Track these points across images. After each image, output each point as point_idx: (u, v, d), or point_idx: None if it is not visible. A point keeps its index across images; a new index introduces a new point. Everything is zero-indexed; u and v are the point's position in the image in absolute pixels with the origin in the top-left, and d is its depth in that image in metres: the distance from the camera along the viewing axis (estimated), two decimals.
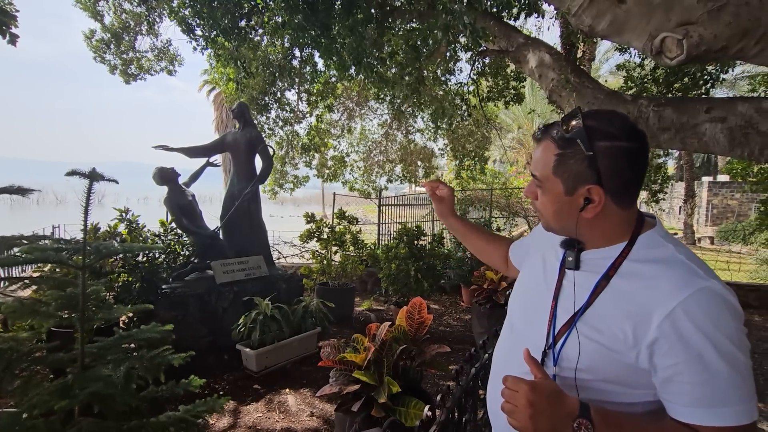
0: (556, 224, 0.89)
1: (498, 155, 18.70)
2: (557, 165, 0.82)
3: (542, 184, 0.86)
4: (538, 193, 0.88)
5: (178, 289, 3.83)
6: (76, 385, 1.23)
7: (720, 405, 0.68)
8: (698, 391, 0.69)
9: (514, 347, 1.00)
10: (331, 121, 9.93)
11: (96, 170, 1.31)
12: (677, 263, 0.76)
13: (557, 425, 0.71)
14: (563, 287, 0.91)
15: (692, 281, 0.72)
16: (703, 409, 0.69)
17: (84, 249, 1.32)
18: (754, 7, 1.74)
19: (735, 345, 0.69)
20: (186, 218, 4.13)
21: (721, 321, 0.69)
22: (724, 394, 0.68)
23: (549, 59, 3.81)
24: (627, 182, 0.79)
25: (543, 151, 0.85)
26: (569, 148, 0.80)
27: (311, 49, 6.11)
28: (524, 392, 0.73)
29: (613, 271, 0.81)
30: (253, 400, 3.26)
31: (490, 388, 1.10)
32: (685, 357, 0.70)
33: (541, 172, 0.85)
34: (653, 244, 0.81)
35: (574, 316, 0.85)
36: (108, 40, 6.20)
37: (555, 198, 0.84)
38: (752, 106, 2.64)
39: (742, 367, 0.69)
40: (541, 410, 0.71)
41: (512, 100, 6.75)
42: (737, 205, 15.35)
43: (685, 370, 0.70)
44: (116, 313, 1.50)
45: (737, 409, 0.68)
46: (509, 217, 8.17)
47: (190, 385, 1.52)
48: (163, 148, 4.33)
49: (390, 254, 4.79)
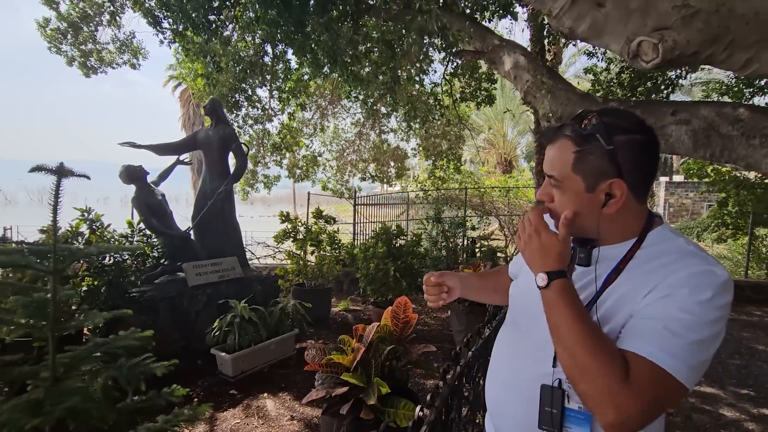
0: (574, 225, 0.87)
1: (469, 156, 19.03)
2: (576, 162, 0.82)
3: (561, 183, 0.86)
4: (555, 194, 0.88)
5: (148, 292, 3.64)
6: (49, 401, 1.13)
7: (665, 350, 0.70)
8: (651, 329, 0.72)
9: (519, 344, 1.00)
10: (303, 119, 9.78)
11: (64, 165, 1.21)
12: (689, 253, 0.79)
13: (535, 267, 0.84)
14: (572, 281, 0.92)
15: (698, 265, 0.75)
16: (647, 343, 0.71)
17: (54, 251, 1.21)
18: (724, 16, 1.83)
19: (709, 319, 0.71)
20: (155, 218, 3.94)
21: (711, 296, 0.71)
22: (673, 344, 0.70)
23: (524, 61, 3.89)
24: (645, 175, 0.82)
25: (559, 150, 0.85)
26: (588, 145, 0.80)
27: (284, 46, 5.99)
28: (538, 229, 0.84)
29: (623, 264, 0.83)
30: (229, 406, 3.15)
31: (491, 384, 1.09)
32: (660, 299, 0.73)
33: (560, 171, 0.85)
34: (665, 239, 0.83)
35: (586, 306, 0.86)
36: (65, 29, 5.84)
37: (575, 196, 0.84)
38: (713, 110, 2.79)
39: (702, 337, 0.70)
40: (534, 249, 0.84)
41: (484, 101, 6.87)
42: (691, 204, 16.31)
43: (654, 309, 0.73)
44: (86, 320, 1.39)
45: (676, 363, 0.69)
46: (482, 216, 8.31)
47: (172, 395, 1.43)
48: (130, 145, 4.11)
49: (368, 254, 4.75)
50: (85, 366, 1.31)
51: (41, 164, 1.36)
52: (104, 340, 1.36)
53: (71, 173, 1.37)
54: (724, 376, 3.88)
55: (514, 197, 9.27)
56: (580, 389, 0.74)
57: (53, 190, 1.36)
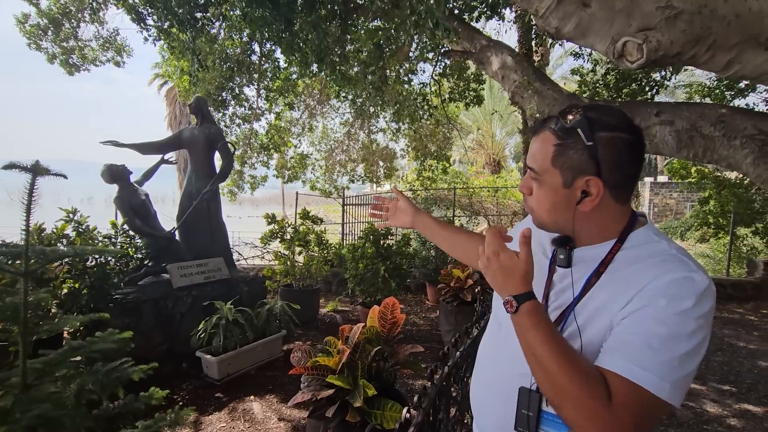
0: (549, 219, 0.87)
1: (458, 156, 19.11)
2: (556, 156, 0.80)
3: (540, 176, 0.84)
4: (534, 187, 0.86)
5: (131, 294, 3.56)
6: (18, 408, 1.09)
7: (645, 368, 0.67)
8: (630, 345, 0.70)
9: (502, 344, 0.98)
10: (291, 119, 9.70)
11: (40, 163, 1.16)
12: (670, 258, 0.76)
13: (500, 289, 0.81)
14: (553, 284, 0.90)
15: (677, 270, 0.73)
16: (626, 360, 0.69)
17: (26, 253, 1.16)
18: (706, 17, 1.85)
19: (689, 331, 0.69)
20: (139, 219, 3.85)
21: (690, 306, 0.69)
22: (653, 360, 0.68)
23: (511, 61, 3.90)
24: (625, 175, 0.79)
25: (541, 143, 0.83)
26: (569, 139, 0.78)
27: (272, 45, 5.94)
28: (496, 250, 0.81)
29: (603, 267, 0.81)
30: (215, 409, 3.09)
31: (475, 384, 1.07)
32: (638, 311, 0.71)
33: (539, 164, 0.83)
34: (646, 240, 0.81)
35: (566, 311, 0.84)
36: (45, 26, 5.70)
37: (552, 190, 0.82)
38: (696, 111, 2.84)
39: (683, 351, 0.68)
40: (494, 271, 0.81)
41: (472, 101, 6.89)
42: (675, 204, 16.61)
43: (632, 322, 0.71)
44: (63, 324, 1.35)
45: (658, 381, 0.67)
46: (471, 215, 8.34)
47: (151, 399, 1.39)
48: (112, 143, 4.02)
49: (357, 254, 4.73)
50: (60, 371, 1.26)
51: (15, 161, 1.31)
52: (80, 343, 1.32)
53: (47, 172, 1.32)
54: (707, 372, 3.95)
55: (502, 197, 9.32)
56: (563, 414, 0.71)
57: (27, 189, 1.32)
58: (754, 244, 8.10)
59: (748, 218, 7.01)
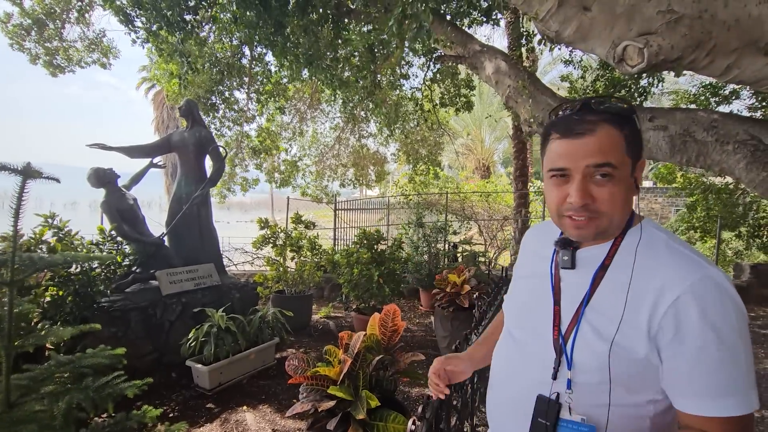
0: (619, 218, 0.80)
1: (447, 161, 19.19)
2: (628, 145, 0.77)
3: (617, 170, 0.76)
4: (607, 186, 0.76)
5: (118, 302, 3.44)
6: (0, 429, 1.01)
7: (723, 395, 0.67)
8: (703, 381, 0.68)
9: (515, 356, 0.96)
10: (282, 123, 9.62)
11: (32, 165, 1.09)
12: (673, 252, 0.76)
13: None
14: (562, 289, 0.88)
15: (692, 271, 0.72)
16: (707, 399, 0.68)
17: (12, 261, 1.09)
18: (707, 21, 1.86)
19: (737, 335, 0.68)
20: (127, 224, 3.74)
21: (724, 311, 0.68)
22: (727, 384, 0.67)
23: (505, 66, 3.91)
24: None
25: (607, 137, 0.75)
26: (630, 125, 0.78)
27: (263, 48, 5.87)
28: None
29: (608, 260, 0.81)
30: (206, 421, 2.99)
31: (492, 395, 1.04)
32: (690, 346, 0.69)
33: (617, 157, 0.76)
34: (645, 235, 0.80)
35: (578, 312, 0.82)
36: (28, 26, 5.55)
37: (625, 182, 0.77)
38: (689, 116, 2.86)
39: (743, 356, 0.68)
40: None
41: (463, 106, 6.91)
42: (660, 209, 16.92)
43: (689, 359, 0.69)
44: (50, 336, 1.26)
45: (739, 399, 0.67)
46: (463, 220, 8.35)
47: (144, 417, 1.31)
48: (99, 146, 3.89)
49: (351, 259, 4.66)
50: (46, 387, 1.17)
51: (5, 163, 1.23)
52: (69, 359, 1.23)
53: (39, 174, 1.24)
54: None
55: (493, 202, 9.36)
56: None
57: (17, 193, 1.24)
58: (738, 248, 8.26)
59: (732, 222, 7.15)
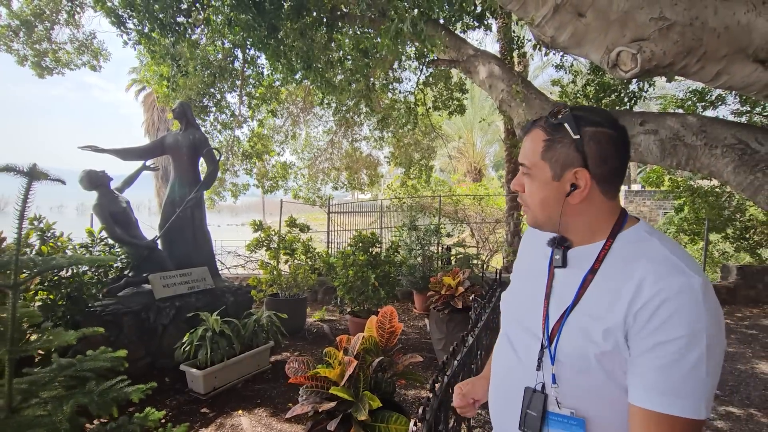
0: (542, 214, 0.88)
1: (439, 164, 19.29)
2: (545, 150, 0.84)
3: (531, 171, 0.87)
4: (526, 183, 0.89)
5: (111, 306, 3.40)
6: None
7: (672, 394, 0.68)
8: (662, 377, 0.70)
9: (510, 351, 0.98)
10: (274, 126, 9.58)
11: (37, 167, 1.08)
12: (660, 258, 0.76)
13: None
14: (553, 287, 0.91)
15: (673, 276, 0.73)
16: (653, 393, 0.70)
17: (16, 263, 1.07)
18: (697, 29, 1.92)
19: (704, 343, 0.69)
20: (119, 227, 3.69)
21: (697, 317, 0.69)
22: (681, 385, 0.68)
23: (499, 71, 3.96)
24: (611, 169, 0.81)
25: (531, 140, 0.87)
26: (558, 134, 0.82)
27: (256, 51, 5.85)
28: None
29: (598, 264, 0.83)
30: (201, 426, 2.96)
31: (493, 398, 1.06)
32: (652, 341, 0.71)
33: (530, 159, 0.87)
34: (637, 239, 0.82)
35: (565, 311, 0.84)
36: (16, 27, 5.47)
37: (543, 184, 0.86)
38: (679, 120, 2.93)
39: (705, 365, 0.69)
40: None
41: (456, 110, 6.97)
42: (648, 212, 17.20)
43: (656, 355, 0.71)
44: (54, 340, 1.25)
45: (687, 403, 0.68)
46: (456, 223, 8.39)
47: (146, 420, 1.30)
48: (92, 149, 3.84)
49: (347, 261, 4.66)
50: (46, 392, 1.16)
51: (11, 164, 1.21)
52: (69, 362, 1.22)
53: (45, 176, 1.22)
54: None
55: (485, 205, 9.43)
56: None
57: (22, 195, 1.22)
58: (725, 249, 8.43)
59: (720, 224, 7.30)
